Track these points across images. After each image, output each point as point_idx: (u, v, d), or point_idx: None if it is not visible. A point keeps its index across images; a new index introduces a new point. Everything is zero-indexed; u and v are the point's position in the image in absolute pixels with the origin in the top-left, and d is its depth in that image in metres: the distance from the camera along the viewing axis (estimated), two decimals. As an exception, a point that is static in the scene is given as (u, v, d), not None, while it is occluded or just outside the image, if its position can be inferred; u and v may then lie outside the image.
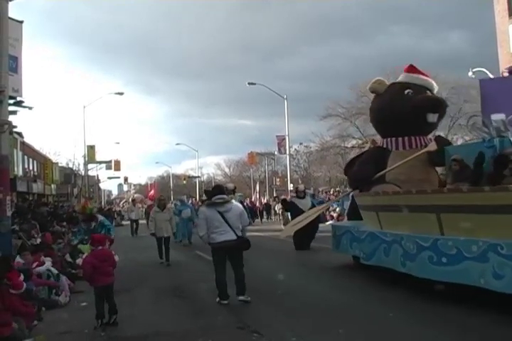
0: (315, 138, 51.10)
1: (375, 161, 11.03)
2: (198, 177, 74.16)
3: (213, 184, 75.90)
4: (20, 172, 32.48)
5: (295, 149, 58.14)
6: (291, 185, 41.58)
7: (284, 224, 25.25)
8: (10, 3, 10.47)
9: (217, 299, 8.34)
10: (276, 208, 39.06)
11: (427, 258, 7.94)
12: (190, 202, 29.75)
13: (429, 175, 10.64)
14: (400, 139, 10.96)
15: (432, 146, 10.51)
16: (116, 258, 7.80)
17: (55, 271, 9.52)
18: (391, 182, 10.47)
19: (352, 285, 9.61)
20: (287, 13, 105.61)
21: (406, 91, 11.04)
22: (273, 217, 39.97)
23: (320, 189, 44.91)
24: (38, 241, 12.85)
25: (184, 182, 77.22)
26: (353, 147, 46.61)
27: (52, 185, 43.76)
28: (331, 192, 35.43)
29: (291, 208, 17.15)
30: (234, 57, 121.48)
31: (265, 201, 45.88)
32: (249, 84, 38.62)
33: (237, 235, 8.40)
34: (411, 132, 10.86)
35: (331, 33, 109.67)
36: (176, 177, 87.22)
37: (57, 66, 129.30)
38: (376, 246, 9.75)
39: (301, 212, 14.66)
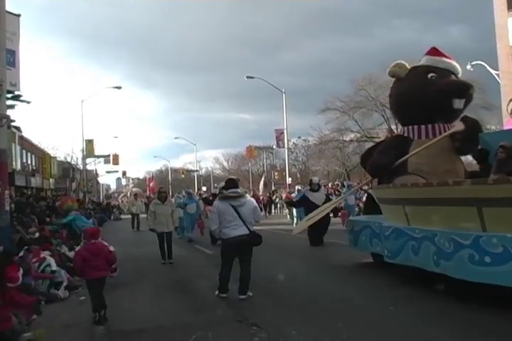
0: (313, 131, 51.24)
1: (396, 149, 10.05)
2: (197, 171, 74.18)
3: (212, 178, 76.16)
4: (19, 167, 32.48)
5: (293, 143, 58.30)
6: (290, 179, 41.66)
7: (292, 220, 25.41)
8: (7, -4, 10.44)
9: (217, 292, 8.34)
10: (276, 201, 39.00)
11: (467, 257, 7.04)
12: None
13: (454, 166, 9.76)
14: (423, 127, 9.97)
15: (459, 126, 9.61)
16: (112, 248, 7.75)
17: (54, 267, 9.51)
18: (414, 173, 9.53)
19: (356, 281, 9.57)
20: (287, 7, 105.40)
21: (429, 76, 10.06)
22: (273, 211, 39.85)
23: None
24: (37, 235, 12.84)
25: (183, 176, 77.26)
26: (351, 141, 46.74)
27: (51, 180, 43.77)
28: (330, 186, 35.36)
29: (303, 202, 16.22)
30: (233, 51, 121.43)
31: (267, 194, 45.69)
32: (247, 77, 38.61)
33: (249, 230, 8.24)
34: (434, 119, 9.93)
35: (331, 27, 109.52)
36: (175, 171, 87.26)
37: (55, 60, 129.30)
38: (403, 244, 8.73)
39: (314, 206, 14.24)
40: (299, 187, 26.68)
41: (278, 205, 38.96)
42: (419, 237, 8.28)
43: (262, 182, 50.54)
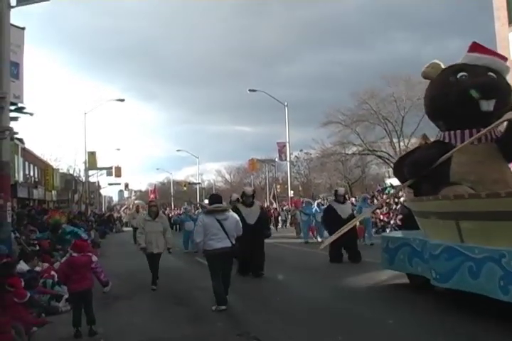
0: (315, 144, 51.25)
1: (438, 150, 8.63)
2: (199, 183, 74.20)
3: (214, 190, 76.09)
4: (21, 179, 32.53)
5: (295, 156, 58.27)
6: (292, 192, 41.66)
7: (297, 234, 25.01)
8: (11, 9, 10.53)
9: (215, 307, 8.31)
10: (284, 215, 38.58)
11: None
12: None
13: (503, 174, 8.42)
14: (467, 132, 8.57)
15: (510, 114, 8.15)
16: (94, 258, 7.74)
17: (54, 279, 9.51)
18: (458, 183, 8.15)
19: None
20: (287, 20, 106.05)
21: (459, 75, 8.79)
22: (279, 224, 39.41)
23: (320, 196, 44.92)
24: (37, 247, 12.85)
25: (185, 188, 77.27)
26: (353, 154, 46.71)
27: (53, 191, 43.81)
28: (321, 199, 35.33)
29: (329, 214, 14.92)
30: (233, 64, 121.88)
31: (275, 207, 45.26)
32: (250, 90, 38.73)
33: (231, 243, 8.59)
34: (464, 124, 8.64)
35: (330, 39, 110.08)
36: (177, 183, 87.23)
37: (56, 72, 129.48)
38: (457, 265, 7.39)
39: (340, 219, 13.65)
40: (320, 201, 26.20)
41: (281, 218, 38.57)
42: (479, 258, 7.00)
43: (271, 195, 50.41)
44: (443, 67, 9.41)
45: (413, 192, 9.26)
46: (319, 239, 20.79)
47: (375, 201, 31.48)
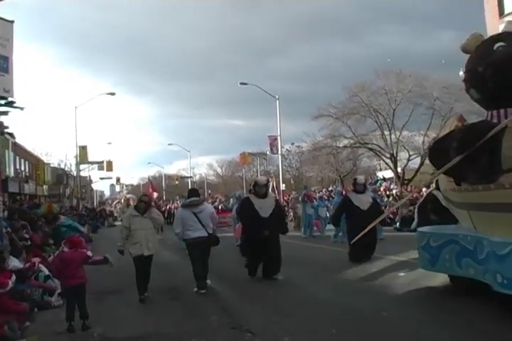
0: (307, 138, 51.25)
1: (487, 125, 7.31)
2: (191, 177, 74.13)
3: (205, 184, 76.11)
4: (12, 173, 32.41)
5: (287, 149, 58.27)
6: (283, 185, 41.65)
7: (295, 227, 23.55)
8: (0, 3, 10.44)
9: (195, 289, 9.38)
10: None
11: None
12: None
13: None
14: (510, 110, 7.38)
15: None
16: (89, 253, 7.74)
17: (46, 272, 9.50)
18: None
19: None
20: (278, 13, 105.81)
21: (496, 46, 7.65)
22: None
23: (312, 188, 44.99)
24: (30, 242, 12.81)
25: (176, 182, 77.16)
26: (345, 147, 46.71)
27: (44, 186, 43.67)
28: (324, 192, 35.38)
29: (346, 206, 12.92)
30: (225, 58, 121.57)
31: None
32: (241, 84, 38.65)
33: (208, 232, 9.58)
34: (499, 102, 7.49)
35: (321, 33, 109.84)
36: (168, 177, 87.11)
37: (47, 66, 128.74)
38: None
39: (359, 211, 12.18)
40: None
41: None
42: None
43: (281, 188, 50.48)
44: (484, 38, 8.28)
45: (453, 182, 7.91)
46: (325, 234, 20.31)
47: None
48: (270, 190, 14.22)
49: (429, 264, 8.53)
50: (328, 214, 21.83)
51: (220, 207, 28.61)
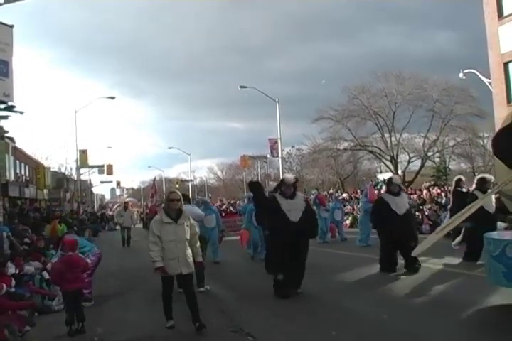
0: (307, 140, 51.34)
1: None
2: (191, 180, 74.10)
3: (206, 188, 76.08)
4: (12, 177, 32.42)
5: (287, 152, 58.32)
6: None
7: None
8: None
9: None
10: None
11: None
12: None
13: None
14: None
15: None
16: (89, 261, 7.77)
17: (46, 276, 9.49)
18: None
19: (354, 290, 9.41)
20: (275, 14, 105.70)
21: None
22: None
23: (313, 191, 44.98)
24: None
25: (177, 186, 77.07)
26: (345, 149, 46.79)
27: (45, 190, 43.65)
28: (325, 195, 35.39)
29: (380, 210, 11.06)
30: (222, 59, 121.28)
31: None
32: (241, 87, 38.64)
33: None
34: None
35: (319, 34, 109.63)
36: (169, 181, 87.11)
37: (45, 69, 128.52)
38: None
39: (395, 216, 10.51)
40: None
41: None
42: None
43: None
44: None
45: None
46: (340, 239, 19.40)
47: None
48: None
49: (504, 279, 7.12)
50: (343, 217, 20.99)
51: (228, 210, 28.24)
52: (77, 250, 7.56)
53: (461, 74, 28.85)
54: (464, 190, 12.71)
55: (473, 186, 11.71)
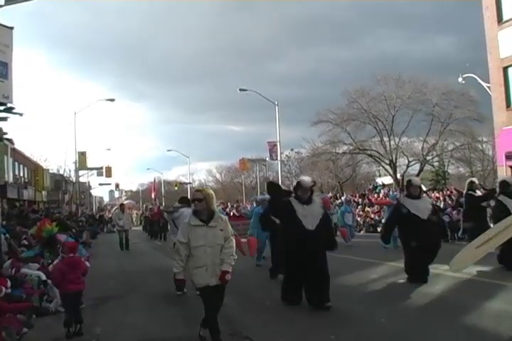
0: (306, 144, 51.36)
1: None
2: (190, 183, 74.07)
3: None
4: (11, 179, 32.40)
5: (286, 155, 58.31)
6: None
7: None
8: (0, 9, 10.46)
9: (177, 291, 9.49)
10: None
11: None
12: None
13: None
14: None
15: None
16: (88, 264, 7.77)
17: (43, 277, 9.47)
18: None
19: (352, 293, 9.30)
20: (276, 17, 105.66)
21: None
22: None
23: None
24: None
25: (176, 188, 77.12)
26: (344, 153, 46.80)
27: (43, 192, 43.65)
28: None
29: (398, 214, 10.01)
30: (223, 62, 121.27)
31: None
32: (240, 90, 38.64)
33: None
34: None
35: (319, 37, 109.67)
36: (168, 183, 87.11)
37: (46, 72, 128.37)
38: None
39: (417, 221, 9.47)
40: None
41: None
42: None
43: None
44: None
45: None
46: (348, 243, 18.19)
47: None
48: None
49: None
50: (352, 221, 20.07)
51: (231, 213, 28.03)
52: (77, 252, 7.57)
53: (460, 79, 28.90)
54: (477, 193, 12.68)
55: (497, 190, 11.37)
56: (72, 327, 7.05)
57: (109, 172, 54.49)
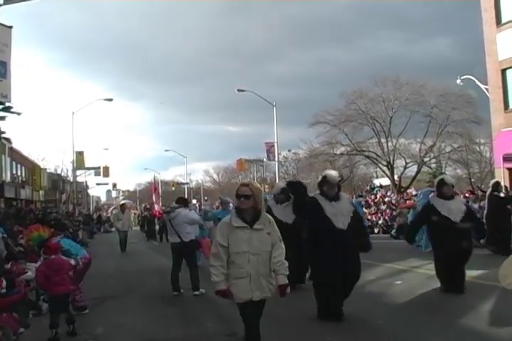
0: (304, 145, 51.36)
1: None
2: (187, 183, 74.04)
3: (202, 191, 75.99)
4: (8, 178, 32.34)
5: (284, 156, 58.33)
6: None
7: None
8: (-1, 8, 10.46)
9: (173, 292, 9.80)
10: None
11: None
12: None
13: None
14: None
15: None
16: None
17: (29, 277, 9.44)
18: None
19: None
20: (275, 18, 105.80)
21: None
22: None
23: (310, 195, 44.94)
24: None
25: (173, 188, 77.08)
26: (341, 154, 46.82)
27: (41, 191, 43.60)
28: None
29: (427, 216, 8.97)
30: (221, 63, 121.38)
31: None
32: (238, 91, 38.63)
33: (180, 239, 9.89)
34: None
35: (318, 38, 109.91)
36: (165, 183, 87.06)
37: (43, 70, 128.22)
38: None
39: (448, 223, 8.51)
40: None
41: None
42: None
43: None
44: None
45: None
46: None
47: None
48: None
49: None
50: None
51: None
52: (59, 253, 7.46)
53: (458, 81, 28.95)
54: (502, 194, 12.46)
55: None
56: (59, 328, 6.96)
57: (106, 172, 54.42)
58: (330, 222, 7.00)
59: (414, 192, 29.78)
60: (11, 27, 13.53)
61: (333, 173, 7.66)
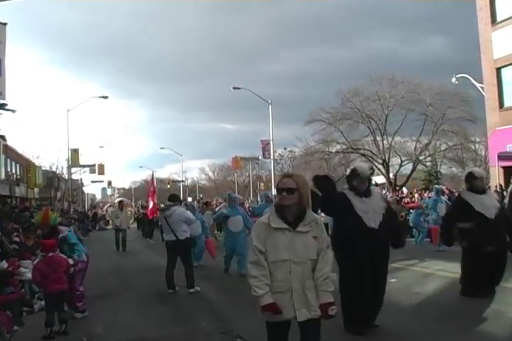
0: (299, 142, 51.36)
1: None
2: (182, 181, 73.97)
3: (197, 188, 75.91)
4: (3, 176, 32.27)
5: (279, 154, 58.34)
6: (275, 190, 41.53)
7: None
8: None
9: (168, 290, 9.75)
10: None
11: None
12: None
13: None
14: None
15: None
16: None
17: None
18: None
19: None
20: (269, 17, 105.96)
21: None
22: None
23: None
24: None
25: (168, 186, 76.97)
26: (337, 152, 46.81)
27: (35, 189, 43.49)
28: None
29: (459, 211, 8.16)
30: (216, 61, 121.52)
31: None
32: (234, 88, 38.60)
33: (176, 237, 9.81)
34: None
35: (312, 37, 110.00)
36: (160, 181, 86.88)
37: (39, 69, 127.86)
38: None
39: (482, 220, 7.67)
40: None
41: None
42: None
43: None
44: None
45: None
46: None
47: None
48: None
49: None
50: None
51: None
52: (57, 250, 7.43)
53: (453, 79, 28.95)
54: None
55: None
56: (55, 327, 6.95)
57: (101, 169, 54.34)
58: (360, 220, 6.23)
59: (405, 191, 29.82)
60: (5, 24, 13.48)
61: (363, 166, 6.94)
